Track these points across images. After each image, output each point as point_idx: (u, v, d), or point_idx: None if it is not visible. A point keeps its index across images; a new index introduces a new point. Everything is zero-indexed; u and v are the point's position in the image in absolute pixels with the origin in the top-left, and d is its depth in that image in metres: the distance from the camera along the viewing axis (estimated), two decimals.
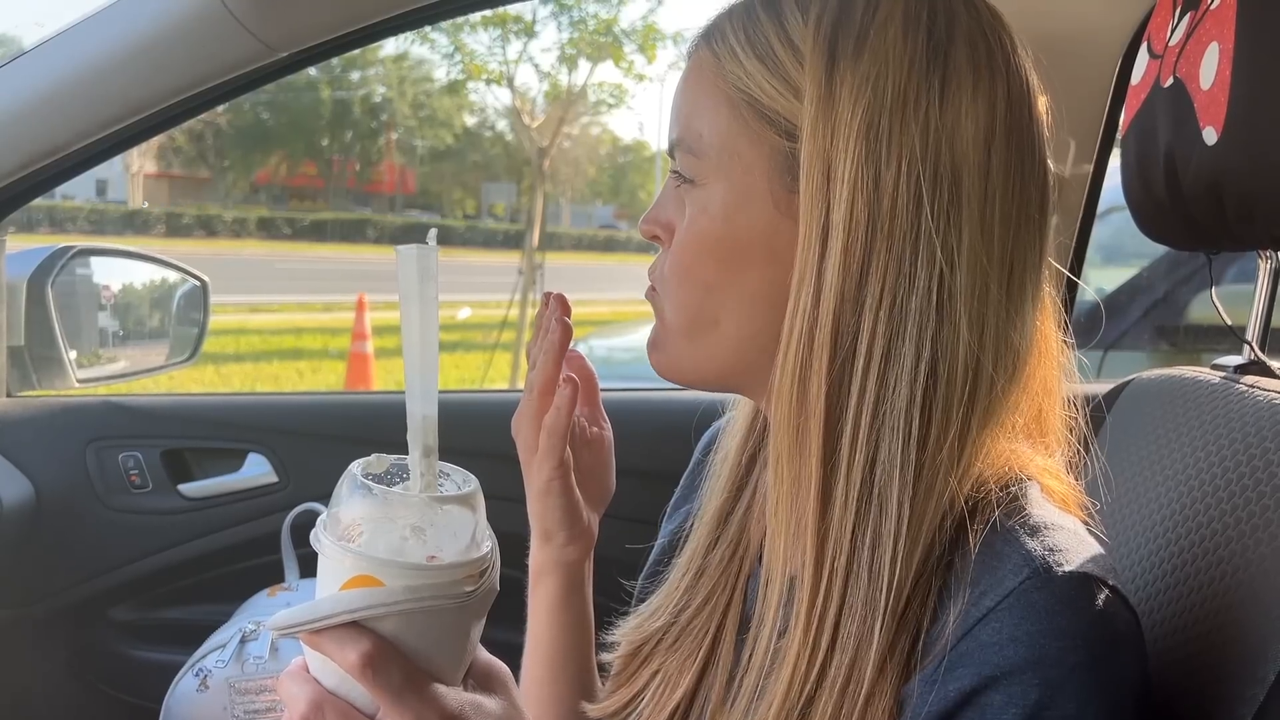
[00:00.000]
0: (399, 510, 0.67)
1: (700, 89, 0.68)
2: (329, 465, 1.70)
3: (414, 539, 0.66)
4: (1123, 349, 3.38)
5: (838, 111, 0.62)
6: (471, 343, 9.44)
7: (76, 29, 1.25)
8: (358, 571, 0.64)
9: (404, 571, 0.64)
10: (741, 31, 0.67)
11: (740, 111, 0.66)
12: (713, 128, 0.67)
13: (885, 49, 0.63)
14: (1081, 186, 1.45)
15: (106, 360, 1.67)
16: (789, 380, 0.63)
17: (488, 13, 8.28)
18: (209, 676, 1.41)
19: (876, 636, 0.60)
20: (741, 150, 0.66)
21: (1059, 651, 0.56)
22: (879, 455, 0.61)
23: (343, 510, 0.67)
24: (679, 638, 0.77)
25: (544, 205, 8.85)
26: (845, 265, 0.62)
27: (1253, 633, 0.68)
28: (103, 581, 1.59)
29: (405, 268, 0.69)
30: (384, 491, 0.67)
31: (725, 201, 0.67)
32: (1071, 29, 1.36)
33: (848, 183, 0.62)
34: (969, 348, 0.62)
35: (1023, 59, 0.67)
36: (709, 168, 0.67)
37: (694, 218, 0.68)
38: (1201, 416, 0.84)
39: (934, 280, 0.62)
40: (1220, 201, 0.81)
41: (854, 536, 0.61)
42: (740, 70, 0.66)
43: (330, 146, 22.86)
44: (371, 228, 20.59)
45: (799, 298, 0.63)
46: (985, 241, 0.63)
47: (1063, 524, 0.61)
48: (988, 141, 0.63)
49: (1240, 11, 0.79)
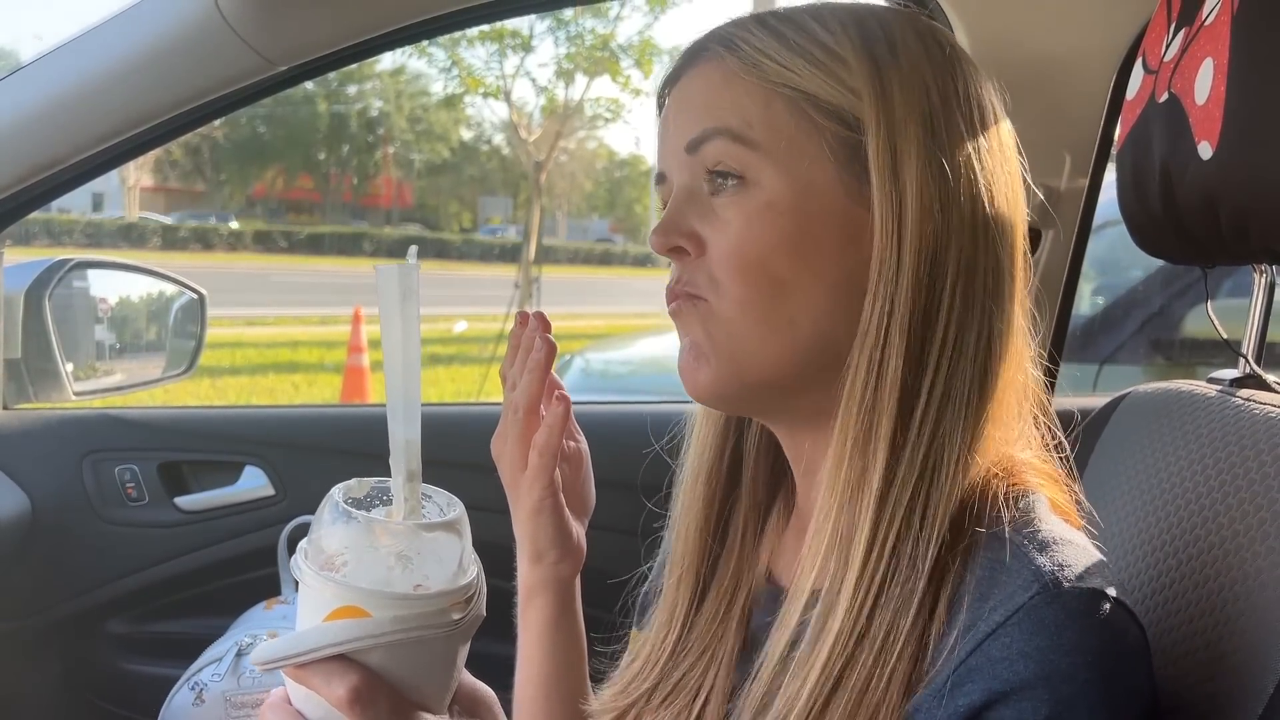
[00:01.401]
0: (383, 538, 0.65)
1: (735, 86, 0.67)
2: (326, 478, 1.69)
3: (399, 568, 0.64)
4: (1118, 363, 3.38)
5: (894, 106, 0.65)
6: (468, 356, 9.44)
7: (75, 43, 1.25)
8: (342, 603, 0.62)
9: (391, 602, 0.63)
10: (770, 37, 0.67)
11: (796, 105, 0.66)
12: (764, 120, 0.66)
13: (914, 54, 0.66)
14: (1077, 201, 1.45)
15: (103, 373, 1.67)
16: (863, 371, 0.64)
17: (485, 27, 8.31)
18: (204, 690, 1.40)
19: (909, 621, 0.60)
20: (800, 141, 0.66)
21: (1069, 667, 0.56)
22: (939, 435, 0.63)
23: (325, 538, 0.65)
24: (671, 696, 0.75)
25: (540, 219, 8.86)
26: (920, 249, 0.63)
27: (1251, 646, 0.68)
28: (98, 594, 1.59)
29: (386, 286, 0.67)
30: (367, 519, 0.66)
31: (794, 191, 0.65)
32: (1067, 45, 1.36)
33: (917, 169, 0.64)
34: (1010, 326, 0.66)
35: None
36: (762, 160, 0.66)
37: (756, 213, 0.66)
38: (1198, 430, 0.84)
39: (992, 261, 0.65)
40: (1215, 216, 0.82)
41: (897, 539, 0.62)
42: (786, 69, 0.66)
43: (327, 160, 22.88)
44: (368, 241, 20.59)
45: (878, 284, 0.64)
46: (1014, 214, 0.68)
47: (1071, 539, 0.61)
48: (1000, 134, 0.69)
49: (1235, 27, 0.79)
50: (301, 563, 0.65)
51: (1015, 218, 0.68)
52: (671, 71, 0.73)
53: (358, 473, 1.41)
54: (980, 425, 0.64)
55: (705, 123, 0.67)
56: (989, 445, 0.64)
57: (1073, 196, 1.44)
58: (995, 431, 0.65)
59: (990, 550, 0.60)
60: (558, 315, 0.94)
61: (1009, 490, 0.64)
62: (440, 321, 11.00)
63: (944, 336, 0.64)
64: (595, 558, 0.88)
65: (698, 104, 0.69)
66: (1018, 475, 0.65)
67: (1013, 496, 0.63)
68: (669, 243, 0.68)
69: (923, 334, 0.63)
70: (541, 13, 8.50)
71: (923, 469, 0.62)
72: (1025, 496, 0.64)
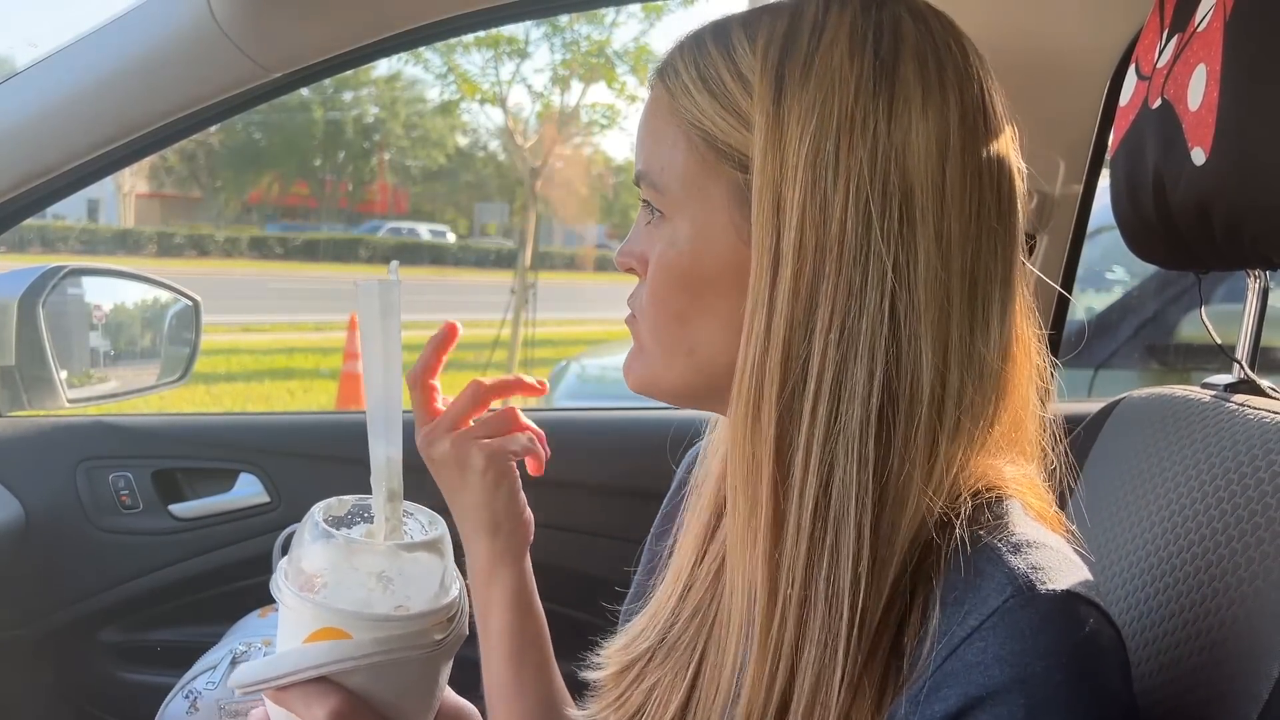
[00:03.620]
0: (364, 558, 0.65)
1: (659, 125, 0.69)
2: (321, 485, 1.69)
3: (380, 589, 0.64)
4: (1113, 367, 3.39)
5: (785, 140, 0.63)
6: (463, 362, 9.43)
7: (70, 49, 1.25)
8: (323, 624, 0.62)
9: (372, 624, 0.62)
10: (693, 66, 0.68)
11: (697, 147, 0.67)
12: (673, 164, 0.68)
13: (831, 73, 0.63)
14: (1071, 207, 1.45)
15: (97, 380, 1.66)
16: (742, 406, 0.64)
17: (481, 34, 8.32)
18: (199, 698, 1.40)
19: (840, 661, 0.59)
20: (702, 184, 0.67)
21: (1044, 671, 0.56)
22: (833, 479, 0.61)
23: (304, 557, 0.65)
24: (669, 653, 0.77)
25: (536, 225, 8.86)
26: (795, 291, 0.62)
27: (1246, 651, 0.68)
28: (92, 603, 1.58)
29: (366, 303, 0.67)
30: (347, 538, 0.65)
31: (690, 235, 0.68)
32: (1060, 51, 1.37)
33: (795, 209, 0.62)
34: (934, 365, 0.62)
35: (976, 64, 0.66)
36: (673, 202, 0.68)
37: (663, 252, 0.69)
38: (1193, 435, 0.84)
39: (886, 301, 0.62)
40: (1209, 222, 0.82)
41: (809, 563, 0.61)
42: (694, 106, 0.67)
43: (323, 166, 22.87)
44: (364, 247, 20.58)
45: (752, 325, 0.64)
46: (943, 257, 0.63)
47: (1045, 542, 0.61)
48: (941, 156, 0.63)
49: (1228, 33, 0.79)
50: (281, 583, 0.64)
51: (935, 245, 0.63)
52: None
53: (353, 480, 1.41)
54: (902, 456, 0.62)
55: (640, 161, 0.71)
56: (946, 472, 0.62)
57: (1067, 202, 1.45)
58: (972, 459, 0.64)
59: (963, 554, 0.60)
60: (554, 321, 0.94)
61: (982, 495, 0.63)
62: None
63: (820, 379, 0.62)
64: (592, 564, 0.88)
65: (642, 135, 0.71)
66: (991, 480, 0.65)
67: (986, 501, 0.63)
68: (624, 262, 0.74)
69: (800, 376, 0.62)
70: (537, 19, 8.51)
71: (814, 516, 0.61)
72: (999, 502, 0.64)
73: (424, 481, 0.85)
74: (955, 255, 0.63)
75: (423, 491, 0.80)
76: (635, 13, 8.96)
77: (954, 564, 0.60)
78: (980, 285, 0.64)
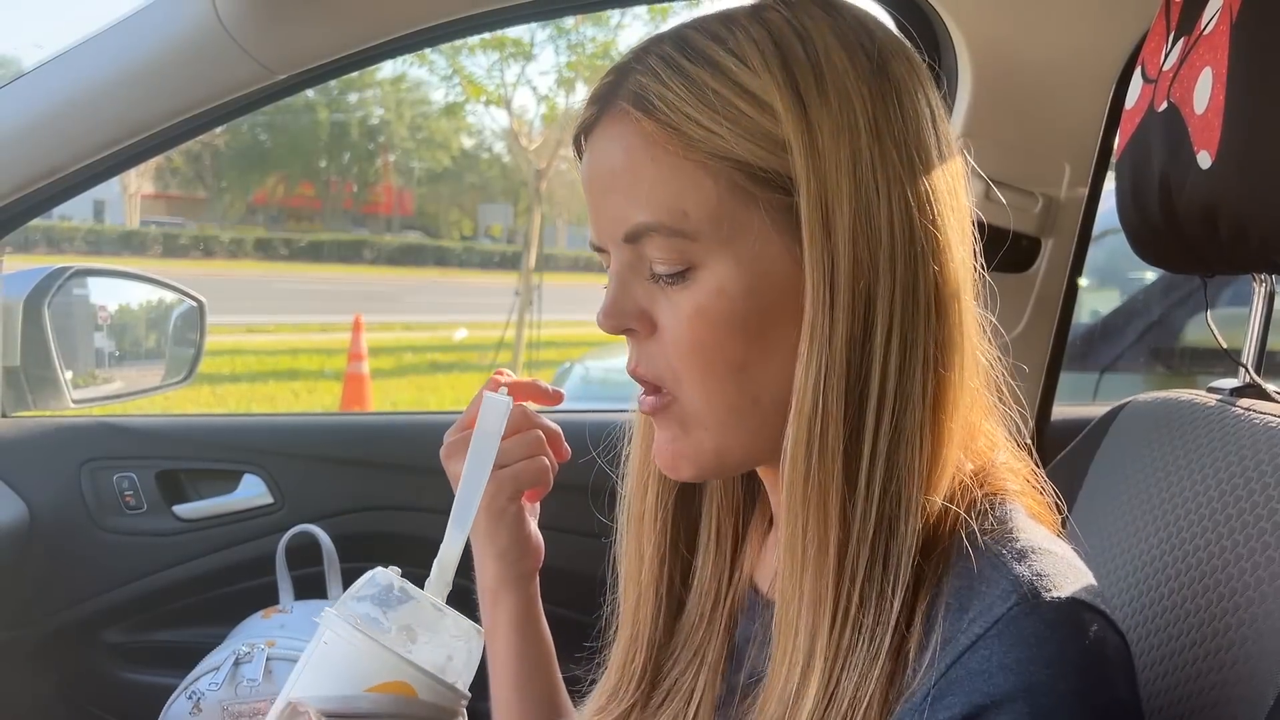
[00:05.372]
0: (448, 627, 0.69)
1: (660, 162, 0.62)
2: (325, 487, 1.70)
3: (450, 661, 0.69)
4: (1118, 371, 3.39)
5: (823, 155, 0.61)
6: (468, 364, 9.43)
7: (75, 51, 1.25)
8: (398, 677, 0.66)
9: (438, 690, 0.67)
10: (685, 90, 0.62)
11: (730, 179, 0.62)
12: (701, 204, 0.62)
13: (842, 81, 0.62)
14: (1077, 210, 1.45)
15: (102, 381, 1.66)
16: (803, 431, 0.61)
17: (486, 36, 8.33)
18: (202, 699, 1.40)
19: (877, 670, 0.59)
20: (739, 218, 0.62)
21: (1049, 679, 0.55)
22: (890, 488, 0.61)
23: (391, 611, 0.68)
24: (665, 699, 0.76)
25: (541, 227, 8.87)
26: (853, 303, 0.61)
27: (1252, 656, 0.68)
28: (96, 603, 1.58)
29: (491, 414, 0.75)
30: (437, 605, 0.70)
31: (739, 274, 0.62)
32: (1065, 54, 1.37)
33: (845, 222, 0.61)
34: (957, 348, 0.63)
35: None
36: (706, 248, 0.63)
37: (706, 305, 0.63)
38: (1198, 439, 0.84)
39: (933, 293, 0.62)
40: (1215, 225, 0.82)
41: (868, 573, 0.60)
42: (712, 134, 0.61)
43: (328, 168, 22.89)
44: (368, 249, 20.61)
45: (811, 347, 0.61)
46: (961, 232, 0.64)
47: (1050, 548, 0.61)
48: (936, 135, 0.64)
49: (1234, 36, 0.79)
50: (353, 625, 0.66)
51: (958, 225, 0.64)
52: (583, 120, 0.68)
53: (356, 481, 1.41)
54: (937, 461, 0.62)
55: (635, 213, 0.63)
56: (948, 470, 0.63)
57: (1072, 206, 1.44)
58: (955, 453, 0.63)
59: (967, 560, 0.60)
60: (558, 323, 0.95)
61: (985, 497, 0.63)
62: (441, 329, 11.00)
63: (881, 390, 0.61)
64: (597, 567, 0.88)
65: (623, 183, 0.64)
66: (993, 482, 0.65)
67: (989, 504, 0.63)
68: (619, 325, 0.66)
69: (861, 394, 0.61)
70: (543, 21, 8.51)
71: (878, 526, 0.60)
72: (1002, 504, 0.63)
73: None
74: (959, 229, 0.64)
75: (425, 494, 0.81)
76: (640, 14, 8.96)
77: (958, 570, 0.60)
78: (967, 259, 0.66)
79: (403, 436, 1.68)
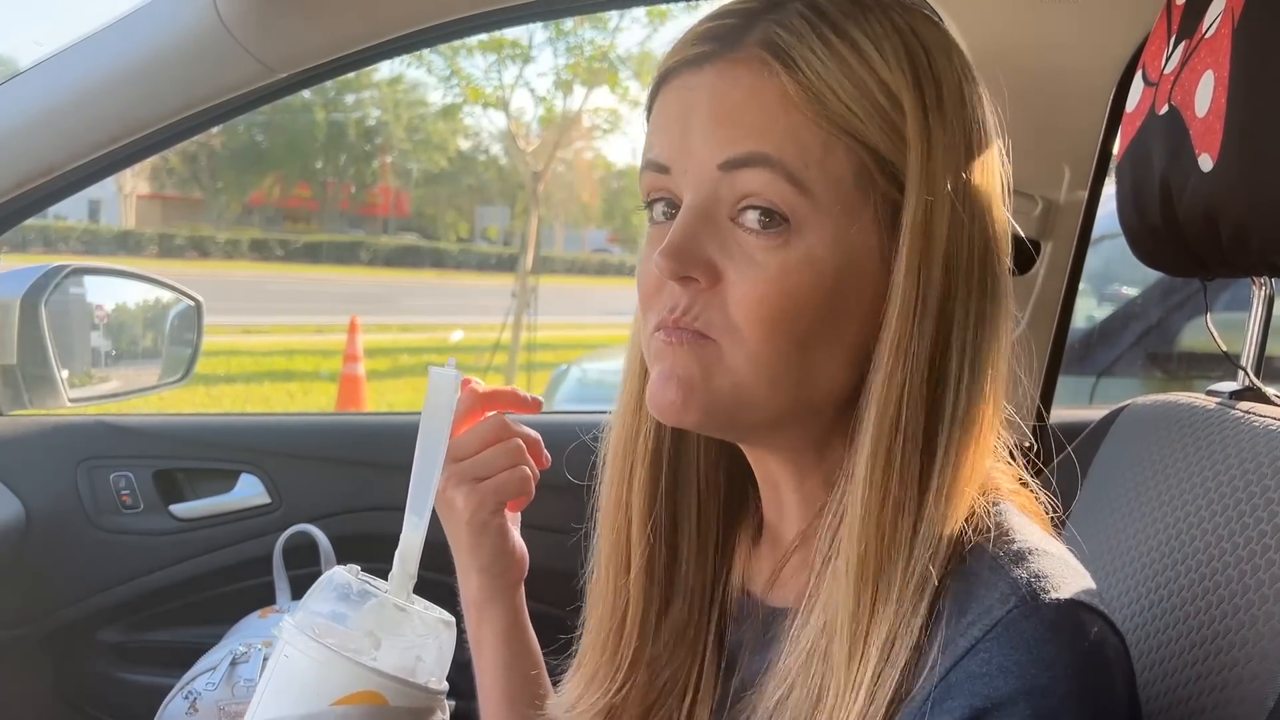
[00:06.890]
0: (413, 626, 0.66)
1: (793, 116, 0.60)
2: (323, 487, 1.69)
3: (419, 662, 0.65)
4: (1115, 375, 3.39)
5: (935, 161, 0.61)
6: (464, 365, 9.41)
7: (74, 49, 1.25)
8: (365, 686, 0.62)
9: (411, 694, 0.63)
10: (830, 60, 0.60)
11: (859, 159, 0.61)
12: (824, 166, 0.60)
13: (954, 101, 0.63)
14: (1076, 213, 1.45)
15: (99, 380, 1.66)
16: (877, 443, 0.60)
17: (484, 37, 8.33)
18: (199, 699, 1.39)
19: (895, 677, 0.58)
20: (854, 199, 0.61)
21: (1049, 681, 0.55)
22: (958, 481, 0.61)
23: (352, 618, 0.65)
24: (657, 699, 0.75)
25: (538, 229, 8.87)
26: (940, 314, 0.61)
27: (1252, 659, 0.68)
28: (92, 603, 1.58)
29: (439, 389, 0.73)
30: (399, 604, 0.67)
31: (834, 251, 0.61)
32: (1066, 57, 1.37)
33: (942, 231, 0.61)
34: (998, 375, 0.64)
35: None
36: (813, 210, 0.61)
37: (793, 268, 0.60)
38: (1197, 442, 0.84)
39: (999, 304, 0.64)
40: (1215, 228, 0.82)
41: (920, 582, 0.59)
42: (850, 112, 0.60)
43: (324, 169, 22.87)
44: (365, 250, 20.58)
45: (892, 356, 0.61)
46: (1005, 230, 0.66)
47: (1048, 549, 0.61)
48: (1001, 177, 0.66)
49: (1236, 39, 0.79)
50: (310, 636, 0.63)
51: (1006, 233, 0.66)
52: (692, 54, 0.64)
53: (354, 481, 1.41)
54: (973, 477, 0.62)
55: (753, 143, 0.60)
56: (974, 483, 0.63)
57: (1072, 209, 1.44)
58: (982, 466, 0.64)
59: (966, 563, 0.60)
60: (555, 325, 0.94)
61: (980, 499, 0.63)
62: (437, 331, 10.99)
63: (953, 414, 0.61)
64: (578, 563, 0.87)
65: (747, 117, 0.61)
66: (989, 483, 0.65)
67: (986, 507, 0.63)
68: (682, 269, 0.62)
69: (937, 388, 0.61)
70: (542, 22, 8.51)
71: (925, 546, 0.60)
72: (996, 505, 0.63)
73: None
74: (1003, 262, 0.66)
75: None
76: (639, 17, 8.96)
77: (958, 571, 0.60)
78: None
79: (401, 437, 1.67)
